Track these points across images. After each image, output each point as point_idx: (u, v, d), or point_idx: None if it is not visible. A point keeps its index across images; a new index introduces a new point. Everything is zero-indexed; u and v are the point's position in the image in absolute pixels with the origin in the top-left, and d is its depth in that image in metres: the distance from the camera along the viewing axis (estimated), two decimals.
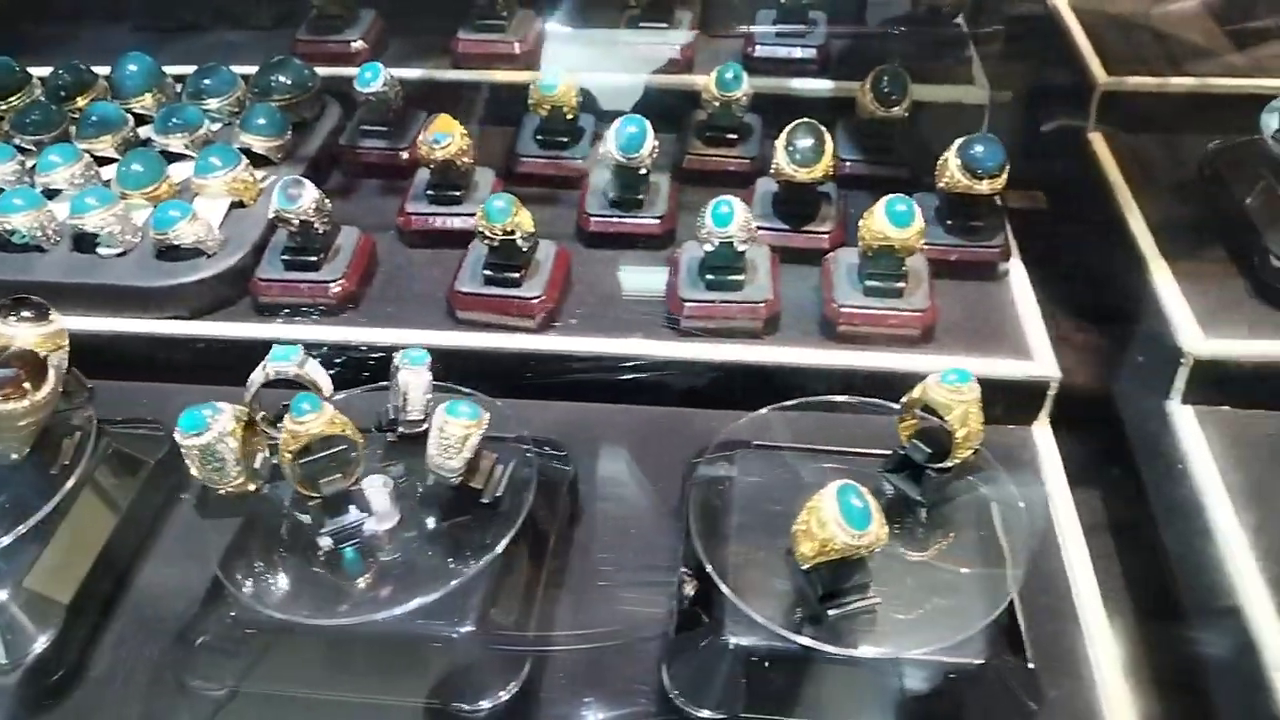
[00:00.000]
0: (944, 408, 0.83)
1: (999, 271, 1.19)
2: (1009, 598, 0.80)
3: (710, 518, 0.87)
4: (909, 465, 0.86)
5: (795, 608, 0.81)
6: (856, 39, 1.50)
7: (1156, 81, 1.43)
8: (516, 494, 0.87)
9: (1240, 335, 1.10)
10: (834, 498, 0.76)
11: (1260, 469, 1.03)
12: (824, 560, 0.77)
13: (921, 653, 0.77)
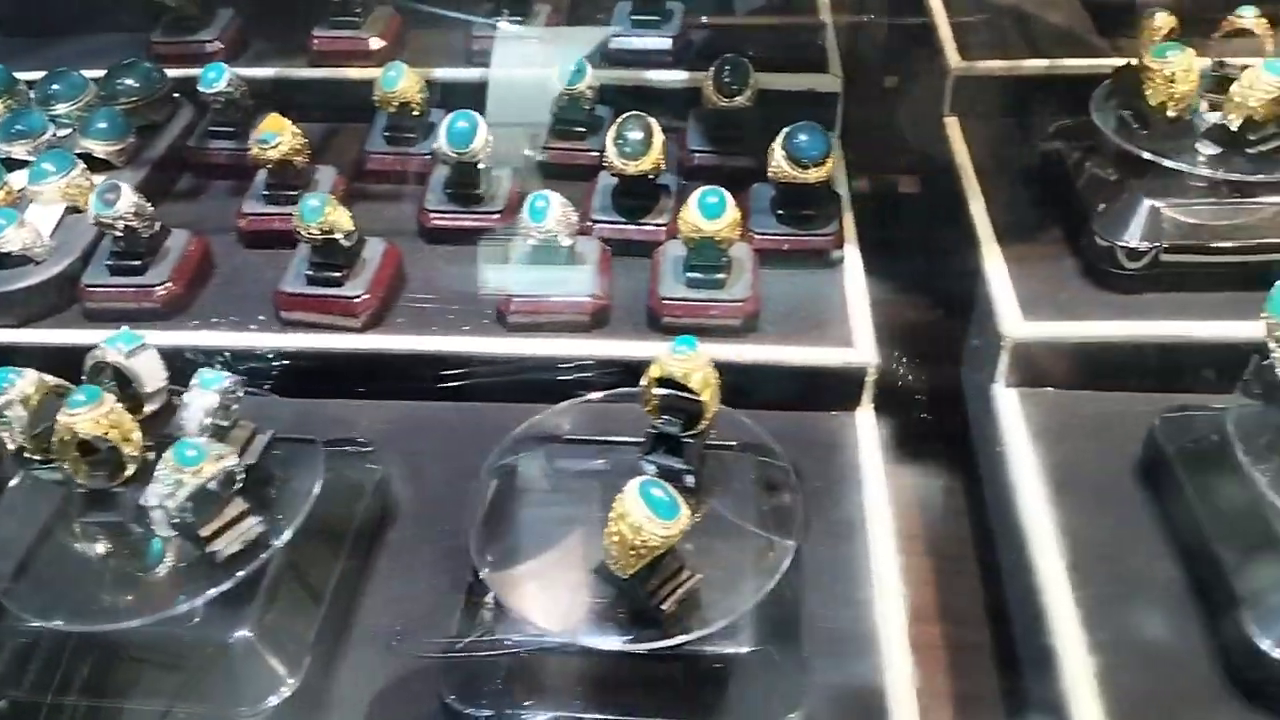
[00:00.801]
0: (684, 377, 0.84)
1: (832, 259, 1.20)
2: (772, 582, 0.80)
3: (495, 518, 0.87)
4: (665, 440, 0.87)
5: (595, 609, 0.81)
6: (714, 29, 1.50)
7: (1007, 64, 1.43)
8: (295, 496, 0.87)
9: (1065, 317, 1.11)
10: (638, 497, 0.75)
11: (1072, 450, 1.04)
12: (645, 563, 0.77)
13: (682, 641, 0.77)
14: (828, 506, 1.00)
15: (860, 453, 1.06)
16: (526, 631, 0.79)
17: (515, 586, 0.82)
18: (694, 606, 0.79)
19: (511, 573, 0.82)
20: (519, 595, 0.80)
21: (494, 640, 0.80)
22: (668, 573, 0.79)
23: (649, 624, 0.78)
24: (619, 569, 0.78)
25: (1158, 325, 1.08)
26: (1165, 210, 1.10)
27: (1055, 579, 0.92)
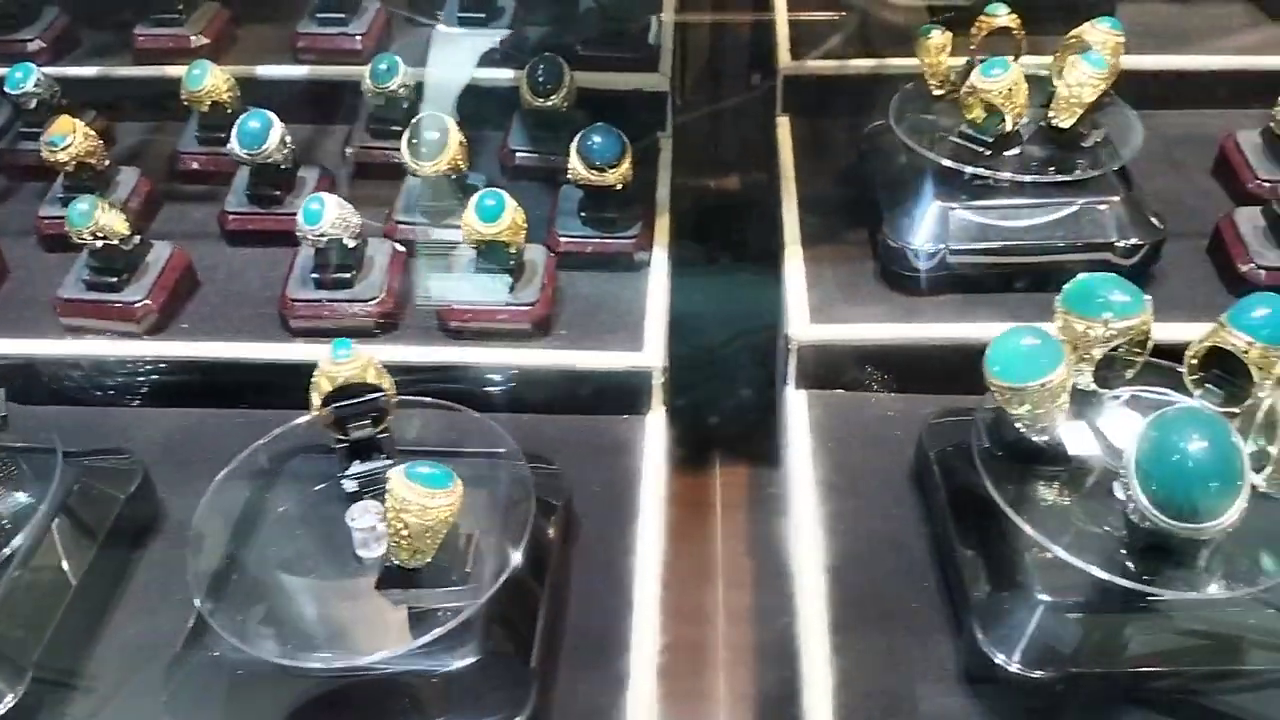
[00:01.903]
0: (359, 377, 0.84)
1: (636, 262, 1.19)
2: (490, 590, 0.79)
3: (214, 532, 0.85)
4: (360, 448, 0.86)
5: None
6: (544, 27, 1.49)
7: (836, 64, 1.43)
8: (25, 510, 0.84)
9: (854, 319, 1.11)
10: (408, 482, 0.75)
11: (853, 453, 1.04)
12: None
13: (388, 656, 0.76)
14: (602, 511, 1.00)
15: (644, 457, 1.05)
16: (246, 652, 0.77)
17: (230, 607, 0.80)
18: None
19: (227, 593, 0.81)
20: (232, 616, 0.79)
21: (214, 658, 0.78)
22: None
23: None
24: (419, 558, 0.77)
25: (939, 327, 1.08)
26: (953, 211, 1.11)
27: (812, 583, 0.92)
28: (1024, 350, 0.80)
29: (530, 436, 1.05)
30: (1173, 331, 0.90)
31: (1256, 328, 0.81)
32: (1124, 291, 0.82)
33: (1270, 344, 0.82)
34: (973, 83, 1.09)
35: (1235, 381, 0.83)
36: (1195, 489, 0.71)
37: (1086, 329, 0.83)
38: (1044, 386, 0.79)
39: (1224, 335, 0.83)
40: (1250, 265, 1.09)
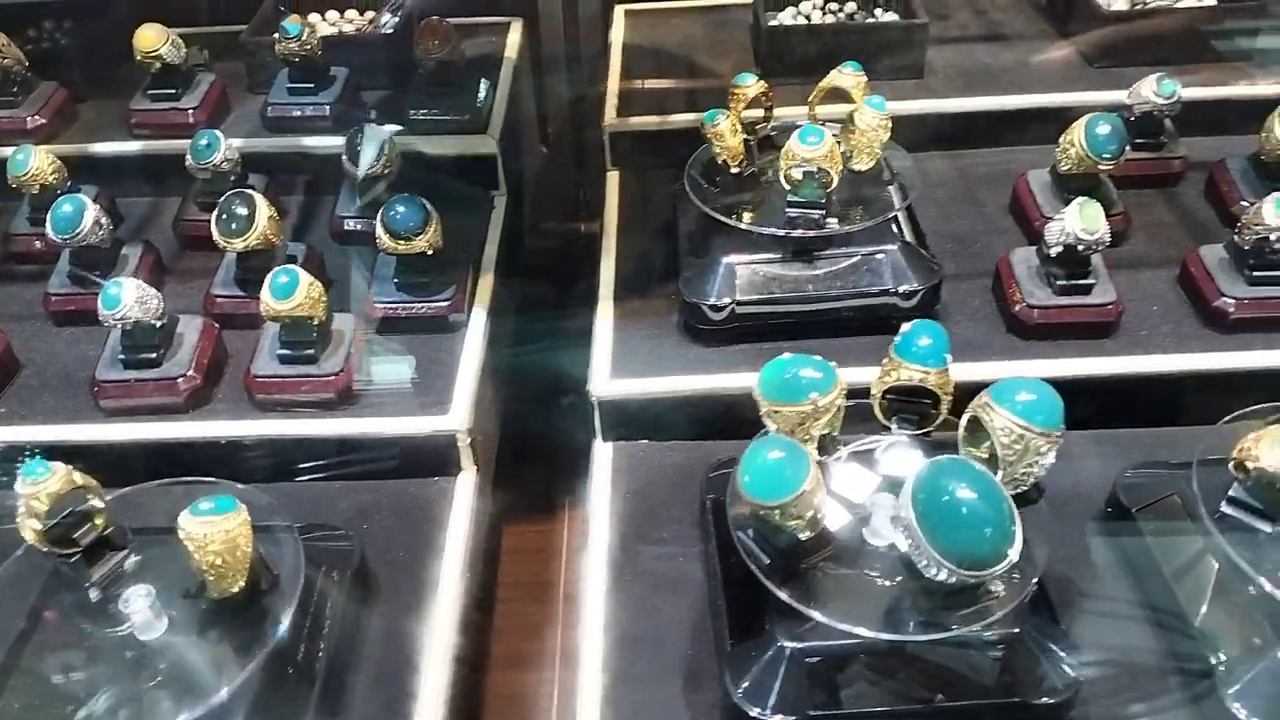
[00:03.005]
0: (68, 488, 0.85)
1: (452, 324, 1.23)
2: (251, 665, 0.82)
3: None
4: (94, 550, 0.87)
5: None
6: (376, 95, 1.53)
7: (658, 119, 1.49)
8: None
9: (654, 372, 1.16)
10: (198, 518, 0.81)
11: (650, 502, 1.08)
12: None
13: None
14: (401, 574, 1.03)
15: (450, 519, 1.09)
16: None
17: None
18: None
19: None
20: None
21: None
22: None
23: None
24: (238, 579, 0.83)
25: (729, 378, 1.12)
26: (740, 266, 1.16)
27: (594, 633, 0.96)
28: (772, 465, 0.79)
29: (335, 504, 1.09)
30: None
31: (924, 357, 0.87)
32: (816, 368, 0.85)
33: (940, 367, 0.88)
34: (793, 150, 1.13)
35: (921, 405, 0.90)
36: (976, 539, 0.75)
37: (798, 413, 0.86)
38: (799, 497, 0.78)
39: (900, 370, 0.88)
40: (1021, 305, 1.15)
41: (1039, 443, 0.81)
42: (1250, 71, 1.52)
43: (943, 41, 1.65)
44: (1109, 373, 1.11)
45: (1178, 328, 1.16)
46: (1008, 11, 1.74)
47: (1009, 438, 0.81)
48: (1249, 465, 0.84)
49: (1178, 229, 1.32)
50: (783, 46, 1.53)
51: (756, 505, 0.80)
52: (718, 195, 1.19)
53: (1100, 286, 1.14)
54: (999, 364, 1.12)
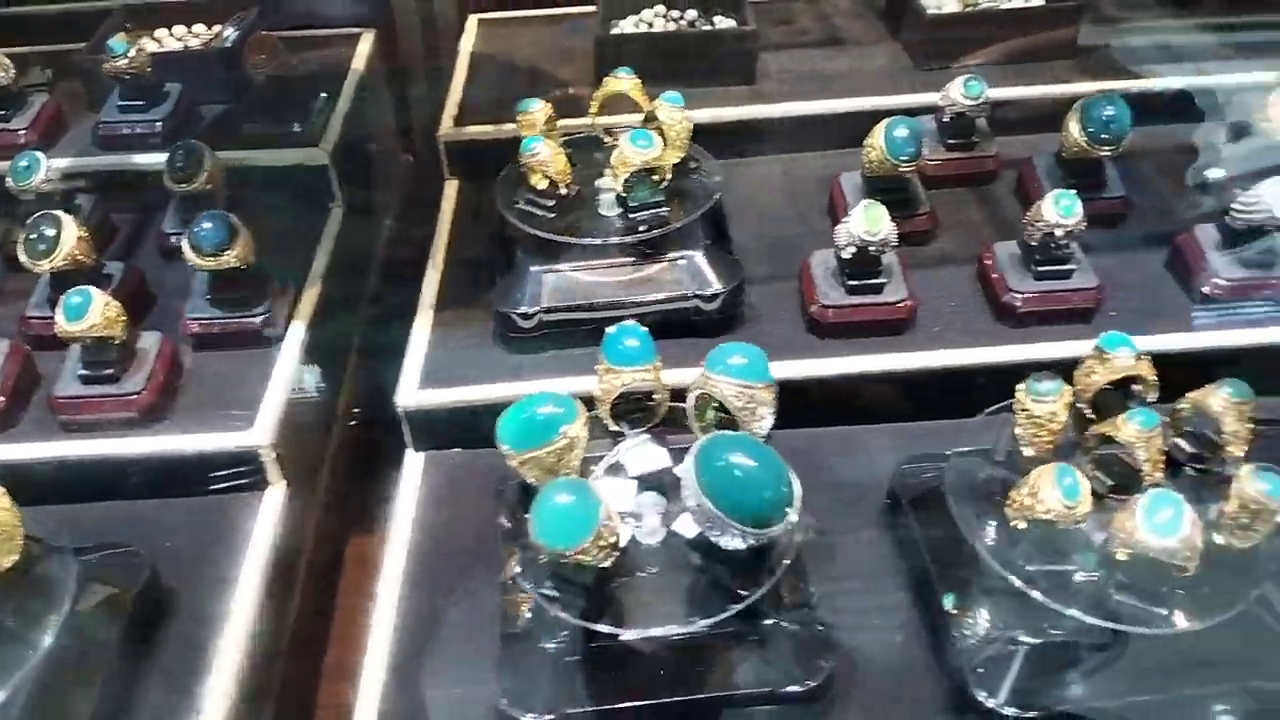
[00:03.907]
0: None
1: (267, 339, 1.23)
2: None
3: None
4: None
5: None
6: (209, 110, 1.53)
7: (493, 128, 1.50)
8: None
9: (471, 380, 1.17)
10: None
11: (455, 510, 1.10)
12: None
13: None
14: (199, 590, 1.03)
15: (255, 531, 1.10)
16: None
17: None
18: None
19: None
20: None
21: None
22: None
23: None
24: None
25: (534, 385, 1.14)
26: (546, 275, 1.18)
27: (380, 645, 0.98)
28: (562, 511, 0.79)
29: (138, 523, 1.09)
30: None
31: (633, 358, 0.91)
32: (555, 403, 0.86)
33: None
34: (625, 154, 1.15)
35: (645, 405, 0.94)
36: (758, 501, 0.79)
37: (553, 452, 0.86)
38: (594, 540, 0.79)
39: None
40: (816, 305, 1.18)
41: (763, 395, 0.88)
42: (1071, 70, 1.57)
43: (780, 47, 1.69)
44: (899, 368, 1.15)
45: (971, 323, 1.20)
46: (848, 17, 1.78)
47: (739, 400, 0.87)
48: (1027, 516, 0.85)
49: (986, 227, 1.36)
50: (619, 54, 1.55)
51: (557, 552, 0.79)
52: (528, 204, 1.21)
53: (892, 285, 1.18)
54: (798, 362, 1.16)
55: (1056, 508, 0.82)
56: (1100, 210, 1.31)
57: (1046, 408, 0.87)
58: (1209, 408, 0.89)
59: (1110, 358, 0.90)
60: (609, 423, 0.93)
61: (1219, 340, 1.15)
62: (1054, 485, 0.82)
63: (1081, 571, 0.86)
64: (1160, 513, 0.81)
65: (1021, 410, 0.89)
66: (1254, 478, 0.83)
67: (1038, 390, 0.88)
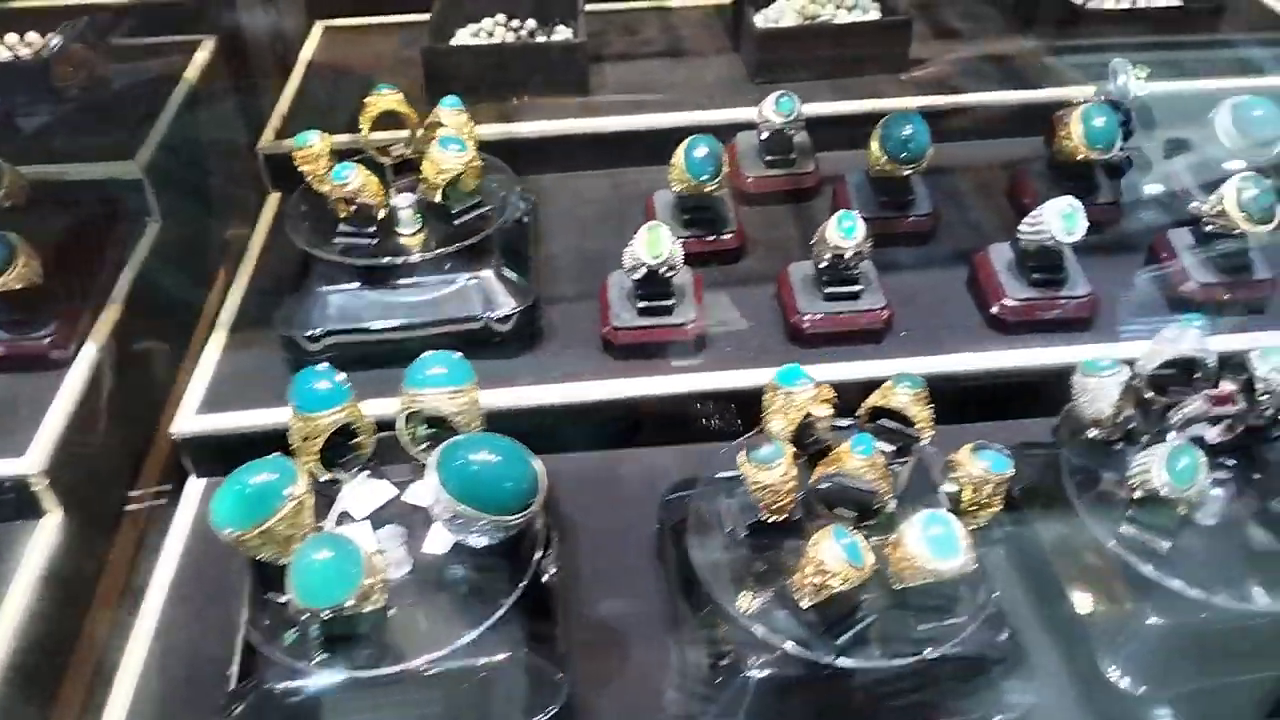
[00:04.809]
0: None
1: (54, 361, 1.20)
2: None
3: None
4: None
5: None
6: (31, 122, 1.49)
7: None
8: None
9: (256, 404, 1.15)
10: None
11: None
12: None
13: None
14: None
15: (24, 560, 1.07)
16: None
17: None
18: None
19: None
20: None
21: None
22: None
23: None
24: None
25: None
26: (331, 296, 1.16)
27: (123, 689, 0.97)
28: (320, 567, 0.77)
29: None
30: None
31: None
32: (269, 468, 0.83)
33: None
34: (437, 160, 1.14)
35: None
36: (499, 492, 0.82)
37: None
38: (360, 593, 0.78)
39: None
40: (608, 326, 1.18)
41: (471, 395, 0.90)
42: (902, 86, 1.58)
43: (621, 58, 1.69)
44: (686, 390, 1.15)
45: (764, 344, 1.20)
46: (695, 27, 1.78)
47: (453, 405, 0.88)
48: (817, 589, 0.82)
49: (798, 245, 1.36)
50: (447, 66, 1.54)
51: (322, 611, 0.77)
52: (319, 222, 1.19)
53: (681, 308, 1.18)
54: (590, 384, 1.16)
55: (844, 571, 0.79)
56: (908, 228, 1.33)
57: (775, 472, 0.84)
58: (894, 405, 0.91)
59: (792, 392, 0.89)
60: (319, 473, 0.90)
61: (996, 362, 1.17)
62: (838, 553, 0.78)
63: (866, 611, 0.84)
64: (932, 529, 0.80)
65: (751, 481, 0.85)
66: (975, 457, 0.85)
67: (760, 458, 0.84)
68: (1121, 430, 0.92)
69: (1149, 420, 0.93)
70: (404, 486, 0.90)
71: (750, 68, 1.60)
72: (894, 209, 1.32)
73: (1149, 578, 0.86)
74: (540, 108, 1.53)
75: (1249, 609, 0.86)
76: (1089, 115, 1.27)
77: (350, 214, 1.16)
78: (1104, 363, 0.90)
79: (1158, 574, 0.86)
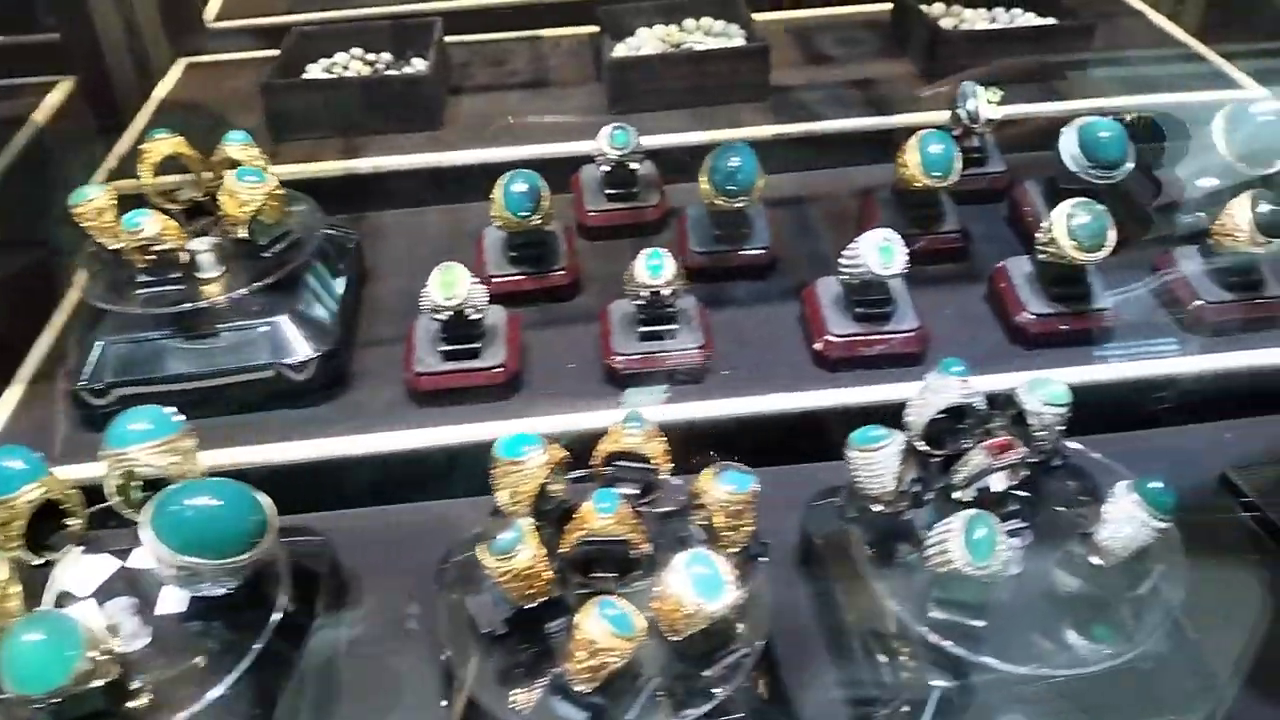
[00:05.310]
0: None
1: None
2: None
3: None
4: None
5: None
6: None
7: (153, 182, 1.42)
8: None
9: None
10: None
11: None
12: None
13: None
14: None
15: None
16: None
17: None
18: None
19: None
20: None
21: None
22: None
23: None
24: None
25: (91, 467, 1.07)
26: (114, 347, 1.10)
27: None
28: (29, 651, 0.71)
29: None
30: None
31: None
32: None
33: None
34: (234, 191, 1.11)
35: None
36: (214, 534, 0.78)
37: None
38: (80, 673, 0.72)
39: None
40: (410, 372, 1.12)
41: (182, 445, 0.86)
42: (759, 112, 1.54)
43: (482, 89, 1.64)
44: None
45: (581, 385, 1.15)
46: (565, 56, 1.74)
47: (166, 459, 0.85)
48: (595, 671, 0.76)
49: None
50: (291, 103, 1.50)
51: (34, 699, 0.71)
52: (120, 271, 1.14)
53: (490, 350, 1.12)
54: (395, 434, 1.10)
55: (617, 646, 0.72)
56: (743, 262, 1.28)
57: (521, 559, 0.77)
58: (627, 447, 0.87)
59: (521, 462, 0.82)
60: (30, 559, 0.84)
61: (813, 401, 1.11)
62: (607, 629, 0.73)
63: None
64: (695, 568, 0.75)
65: (497, 575, 0.78)
66: (717, 481, 0.80)
67: (501, 549, 0.77)
68: (908, 498, 0.86)
69: (931, 476, 0.87)
70: (128, 554, 0.85)
71: (609, 98, 1.55)
72: (729, 242, 1.27)
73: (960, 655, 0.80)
74: (387, 143, 1.49)
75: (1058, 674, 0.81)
76: (925, 142, 1.22)
77: (149, 263, 1.11)
78: (875, 433, 0.84)
79: (968, 653, 0.80)
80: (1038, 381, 0.86)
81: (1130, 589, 0.84)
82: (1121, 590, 0.84)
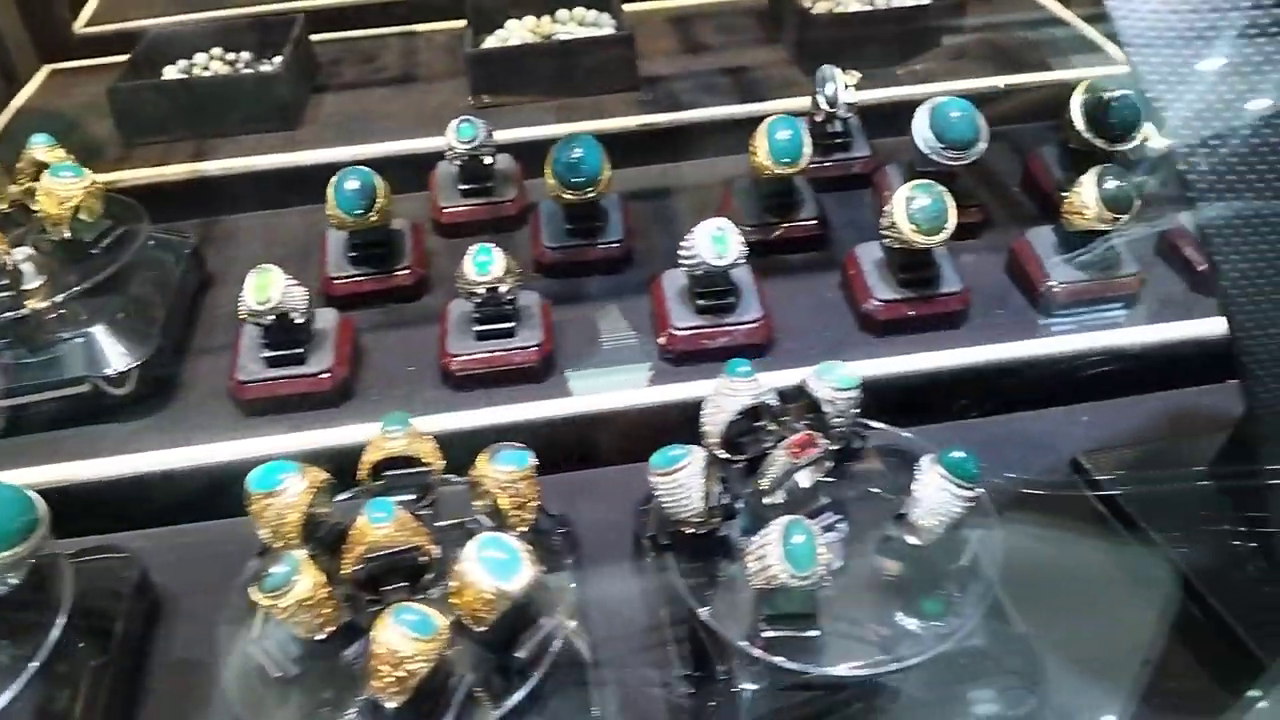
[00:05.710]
0: None
1: None
2: None
3: None
4: None
5: None
6: None
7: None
8: None
9: None
10: None
11: None
12: None
13: None
14: None
15: None
16: None
17: None
18: None
19: None
20: None
21: None
22: None
23: None
24: None
25: None
26: None
27: None
28: None
29: None
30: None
31: None
32: None
33: None
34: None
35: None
36: None
37: None
38: None
39: None
40: (234, 380, 1.07)
41: None
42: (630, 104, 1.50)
43: (346, 87, 1.60)
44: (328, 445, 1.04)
45: (417, 389, 1.10)
46: (436, 50, 1.70)
47: None
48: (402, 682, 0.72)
49: None
50: (139, 105, 1.44)
51: None
52: None
53: (317, 356, 1.08)
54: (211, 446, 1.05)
55: (419, 649, 0.69)
56: (596, 256, 1.24)
57: (298, 590, 0.72)
58: (395, 452, 0.84)
59: (276, 494, 0.76)
60: None
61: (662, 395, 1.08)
62: (405, 634, 0.69)
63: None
64: (487, 552, 0.72)
65: (276, 610, 0.74)
66: (493, 462, 0.79)
67: (274, 585, 0.72)
68: (719, 511, 0.82)
69: (738, 483, 0.84)
70: None
71: (470, 91, 1.51)
72: (582, 236, 1.23)
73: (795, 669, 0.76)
74: (241, 144, 1.44)
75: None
76: (773, 129, 1.19)
77: None
78: (674, 453, 0.80)
79: (806, 665, 0.76)
80: (825, 368, 0.83)
81: (951, 562, 0.82)
82: (944, 565, 0.82)
